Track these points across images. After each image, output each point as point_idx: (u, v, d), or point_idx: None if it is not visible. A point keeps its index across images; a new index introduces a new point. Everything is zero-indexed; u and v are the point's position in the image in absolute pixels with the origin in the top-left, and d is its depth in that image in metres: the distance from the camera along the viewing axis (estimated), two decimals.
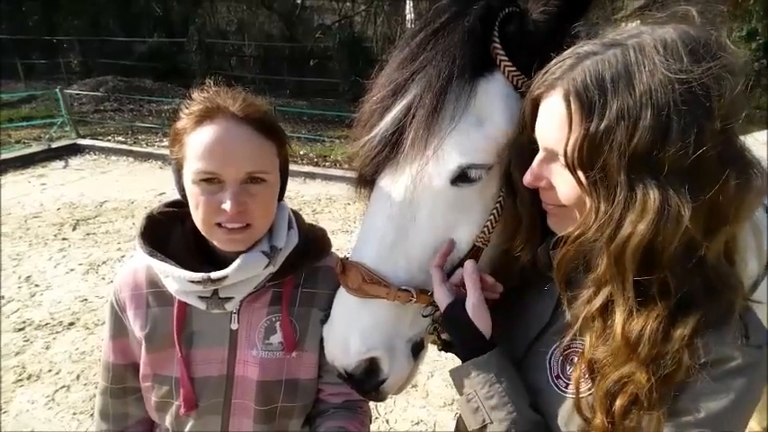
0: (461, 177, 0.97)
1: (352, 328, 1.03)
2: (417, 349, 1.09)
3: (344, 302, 1.05)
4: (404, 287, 0.99)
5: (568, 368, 0.87)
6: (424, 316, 1.04)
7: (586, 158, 0.75)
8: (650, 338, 0.73)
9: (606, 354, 0.77)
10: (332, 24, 17.21)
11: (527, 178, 0.87)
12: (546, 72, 0.83)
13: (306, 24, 17.35)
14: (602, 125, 0.73)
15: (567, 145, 0.77)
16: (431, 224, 1.00)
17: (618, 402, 0.75)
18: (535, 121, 0.86)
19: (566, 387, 0.86)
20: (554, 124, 0.80)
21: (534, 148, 0.87)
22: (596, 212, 0.76)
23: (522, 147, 0.90)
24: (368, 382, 1.05)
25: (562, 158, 0.79)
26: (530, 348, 0.95)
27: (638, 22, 0.84)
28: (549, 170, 0.84)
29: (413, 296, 0.99)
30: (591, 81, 0.75)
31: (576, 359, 0.83)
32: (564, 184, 0.82)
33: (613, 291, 0.77)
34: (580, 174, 0.77)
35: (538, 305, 0.97)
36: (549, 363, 0.90)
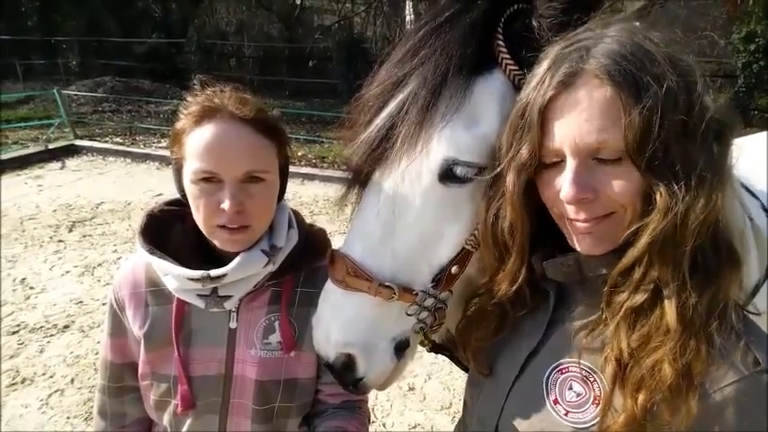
0: (450, 175, 0.94)
1: (334, 319, 1.03)
2: (402, 348, 1.07)
3: (331, 293, 1.04)
4: (387, 283, 0.96)
5: (567, 393, 0.83)
6: (409, 314, 1.01)
7: (647, 138, 0.70)
8: (701, 310, 0.71)
9: (640, 340, 0.74)
10: (331, 25, 17.24)
11: (569, 194, 0.75)
12: (547, 72, 0.78)
13: (305, 25, 17.40)
14: (653, 98, 0.70)
15: (625, 129, 0.70)
16: (419, 223, 0.98)
17: (640, 398, 0.72)
18: (544, 130, 0.78)
19: (565, 414, 0.82)
20: (594, 115, 0.73)
21: (541, 163, 0.80)
22: (670, 196, 0.70)
23: (524, 165, 0.81)
24: (346, 375, 1.05)
25: (618, 148, 0.72)
26: (523, 368, 0.90)
27: (637, 23, 0.82)
28: (594, 175, 0.75)
29: (395, 293, 0.96)
30: (622, 59, 0.72)
31: (604, 361, 0.78)
32: (623, 181, 0.74)
33: (662, 274, 0.73)
34: (640, 160, 0.71)
35: (528, 321, 0.93)
36: (547, 385, 0.86)
